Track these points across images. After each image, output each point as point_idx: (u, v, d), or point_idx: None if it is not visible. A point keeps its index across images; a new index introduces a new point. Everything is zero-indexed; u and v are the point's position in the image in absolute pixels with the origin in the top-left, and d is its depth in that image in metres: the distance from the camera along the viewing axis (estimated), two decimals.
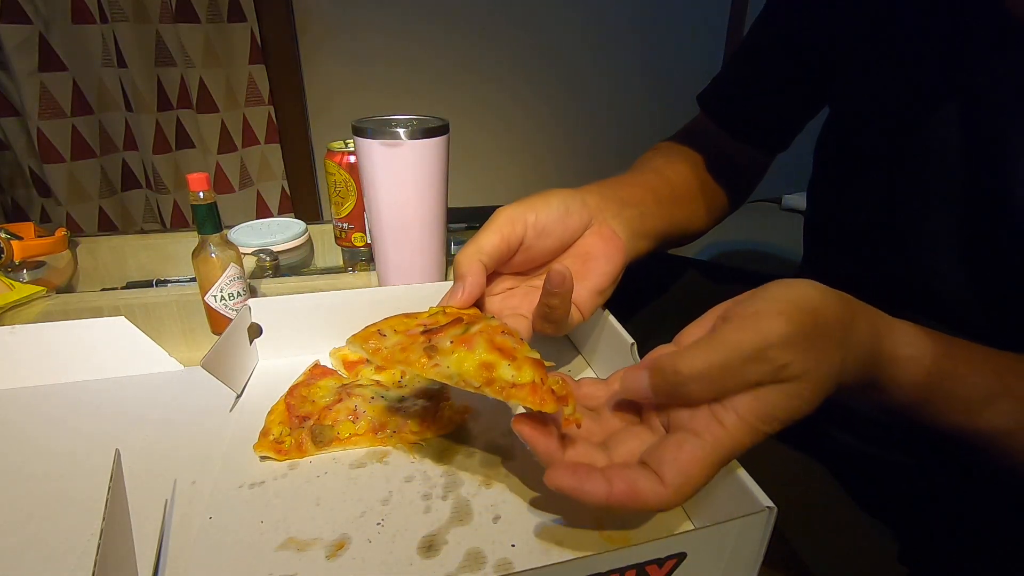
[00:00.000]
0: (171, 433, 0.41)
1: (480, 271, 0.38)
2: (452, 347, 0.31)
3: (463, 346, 0.31)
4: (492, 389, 0.30)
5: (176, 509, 0.34)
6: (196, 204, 0.51)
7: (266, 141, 1.57)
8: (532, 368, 0.30)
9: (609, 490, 0.27)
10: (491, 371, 0.30)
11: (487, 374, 0.30)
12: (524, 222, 0.39)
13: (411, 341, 0.33)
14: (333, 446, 0.39)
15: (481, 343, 0.31)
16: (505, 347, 0.31)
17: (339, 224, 0.71)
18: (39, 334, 0.45)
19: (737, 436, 0.27)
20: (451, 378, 0.31)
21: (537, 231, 0.40)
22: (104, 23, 1.28)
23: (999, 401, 0.32)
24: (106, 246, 0.81)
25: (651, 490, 0.27)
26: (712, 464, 0.27)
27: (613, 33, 1.80)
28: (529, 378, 0.30)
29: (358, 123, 0.52)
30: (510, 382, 0.30)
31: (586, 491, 0.27)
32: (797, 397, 0.28)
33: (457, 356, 0.31)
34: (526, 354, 0.32)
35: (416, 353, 0.32)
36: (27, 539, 0.32)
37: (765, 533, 0.27)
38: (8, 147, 1.31)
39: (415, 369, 0.31)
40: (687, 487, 0.27)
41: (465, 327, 0.33)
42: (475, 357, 0.31)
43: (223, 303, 0.54)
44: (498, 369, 0.30)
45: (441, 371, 0.31)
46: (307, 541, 0.32)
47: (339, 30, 1.58)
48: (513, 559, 0.31)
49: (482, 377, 0.30)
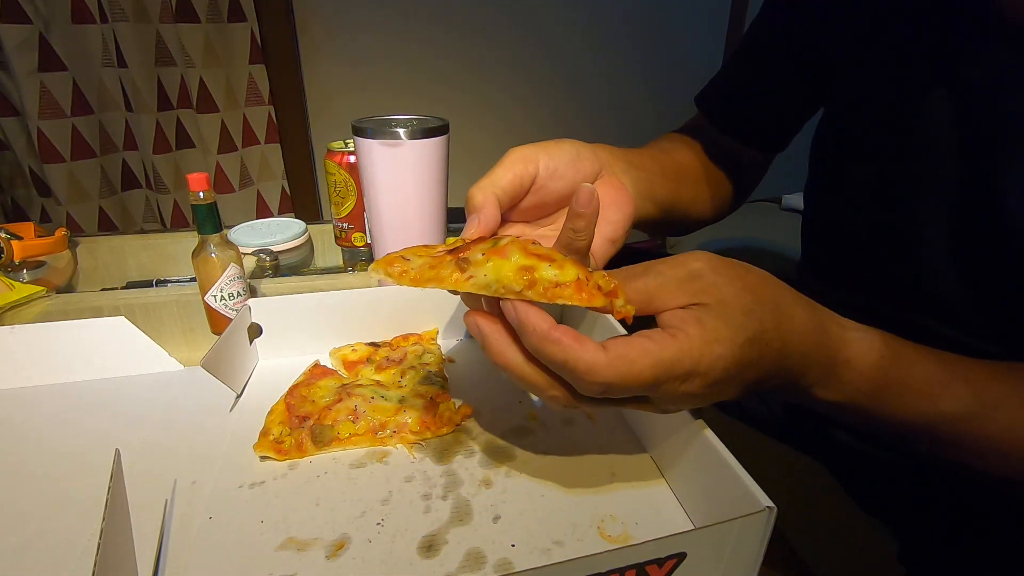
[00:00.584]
0: (171, 433, 0.41)
1: (494, 204, 0.36)
2: (485, 258, 0.29)
3: (496, 256, 0.29)
4: (535, 292, 0.28)
5: (176, 509, 0.34)
6: (196, 204, 0.51)
7: (266, 141, 1.57)
8: (574, 266, 0.29)
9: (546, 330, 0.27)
10: (532, 273, 0.28)
11: (528, 276, 0.28)
12: (536, 162, 0.38)
13: (438, 261, 0.31)
14: (333, 446, 0.39)
15: (515, 251, 0.29)
16: (541, 253, 0.29)
17: (339, 224, 0.71)
18: (39, 334, 0.45)
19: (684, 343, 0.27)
20: (488, 287, 0.29)
21: (549, 172, 0.39)
22: (104, 23, 1.28)
23: (956, 385, 0.32)
24: (106, 246, 0.80)
25: (591, 349, 0.26)
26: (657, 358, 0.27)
27: (613, 33, 1.80)
28: (573, 275, 0.28)
29: (358, 123, 0.52)
30: (553, 281, 0.28)
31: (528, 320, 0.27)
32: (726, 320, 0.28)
33: (493, 264, 0.29)
34: (563, 256, 0.30)
35: (447, 269, 0.30)
36: (27, 539, 0.32)
37: (765, 533, 0.27)
38: (8, 147, 1.31)
39: (447, 285, 0.29)
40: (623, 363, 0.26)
41: (493, 242, 0.31)
42: (512, 263, 0.29)
43: (223, 303, 0.54)
44: (539, 270, 0.28)
45: (477, 282, 0.29)
46: (307, 541, 0.32)
47: (339, 30, 1.58)
48: (513, 559, 0.31)
49: (523, 280, 0.28)
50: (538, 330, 0.27)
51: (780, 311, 0.30)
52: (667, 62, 1.89)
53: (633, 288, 0.29)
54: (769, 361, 0.29)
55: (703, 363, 0.27)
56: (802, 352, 0.30)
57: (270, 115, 1.55)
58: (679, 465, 0.35)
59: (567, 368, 0.27)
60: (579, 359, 0.26)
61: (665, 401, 0.29)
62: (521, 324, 0.28)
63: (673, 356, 0.27)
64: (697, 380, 0.28)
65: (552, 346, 0.27)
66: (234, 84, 1.46)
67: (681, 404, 0.30)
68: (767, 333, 0.29)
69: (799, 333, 0.30)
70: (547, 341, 0.27)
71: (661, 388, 0.27)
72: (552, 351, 0.27)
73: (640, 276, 0.29)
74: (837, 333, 0.32)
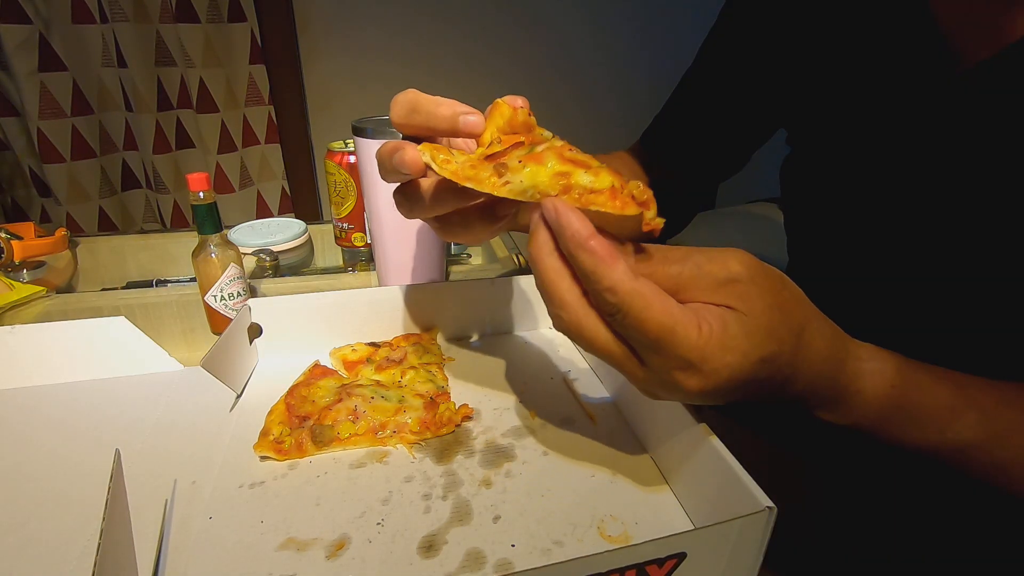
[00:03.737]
0: (171, 433, 0.41)
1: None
2: (522, 164, 0.29)
3: (533, 162, 0.29)
4: (570, 198, 0.28)
5: (176, 509, 0.34)
6: (196, 204, 0.51)
7: (266, 141, 1.57)
8: (609, 174, 0.29)
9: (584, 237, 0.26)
10: (567, 179, 0.28)
11: (563, 182, 0.28)
12: None
13: (478, 163, 0.31)
14: (333, 446, 0.39)
15: (551, 157, 0.29)
16: (577, 159, 0.29)
17: (339, 224, 0.71)
18: (39, 334, 0.45)
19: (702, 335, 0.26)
20: (525, 192, 0.29)
21: None
22: (104, 23, 1.28)
23: (966, 413, 0.32)
24: (106, 246, 0.81)
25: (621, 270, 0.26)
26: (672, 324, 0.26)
27: (616, 32, 1.80)
28: (608, 183, 0.28)
29: (358, 123, 0.52)
30: (588, 187, 0.28)
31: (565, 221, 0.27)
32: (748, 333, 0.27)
33: (530, 170, 0.29)
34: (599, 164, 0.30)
35: (486, 172, 0.30)
36: (27, 539, 0.32)
37: (765, 533, 0.27)
38: (8, 147, 1.31)
39: (485, 187, 0.29)
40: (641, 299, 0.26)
41: (529, 147, 0.31)
42: (548, 169, 0.29)
43: (223, 303, 0.54)
44: (574, 176, 0.28)
45: (513, 187, 0.29)
46: (307, 541, 0.32)
47: (339, 30, 1.58)
48: (513, 559, 0.31)
49: (559, 185, 0.28)
50: (576, 235, 0.26)
51: (802, 338, 0.29)
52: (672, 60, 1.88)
53: (666, 273, 0.28)
54: (775, 383, 0.29)
55: (709, 364, 0.27)
56: (811, 381, 0.30)
57: (270, 115, 1.55)
58: (679, 465, 0.35)
59: (591, 279, 0.26)
60: (605, 274, 0.26)
61: (656, 375, 0.28)
62: (560, 227, 0.27)
63: (686, 337, 0.26)
64: (696, 378, 0.27)
65: (584, 254, 0.26)
66: (234, 84, 1.46)
67: (670, 391, 0.29)
68: (783, 357, 0.28)
69: (813, 363, 0.30)
70: (582, 248, 0.26)
71: (659, 356, 0.27)
72: (583, 259, 0.26)
73: (676, 262, 0.28)
74: (853, 367, 0.31)
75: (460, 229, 0.36)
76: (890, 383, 0.32)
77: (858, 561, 0.43)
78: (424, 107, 0.32)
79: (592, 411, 0.43)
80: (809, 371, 0.30)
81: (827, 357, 0.30)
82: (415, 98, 0.32)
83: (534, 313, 0.54)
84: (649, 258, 0.28)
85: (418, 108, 0.32)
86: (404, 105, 0.32)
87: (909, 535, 0.43)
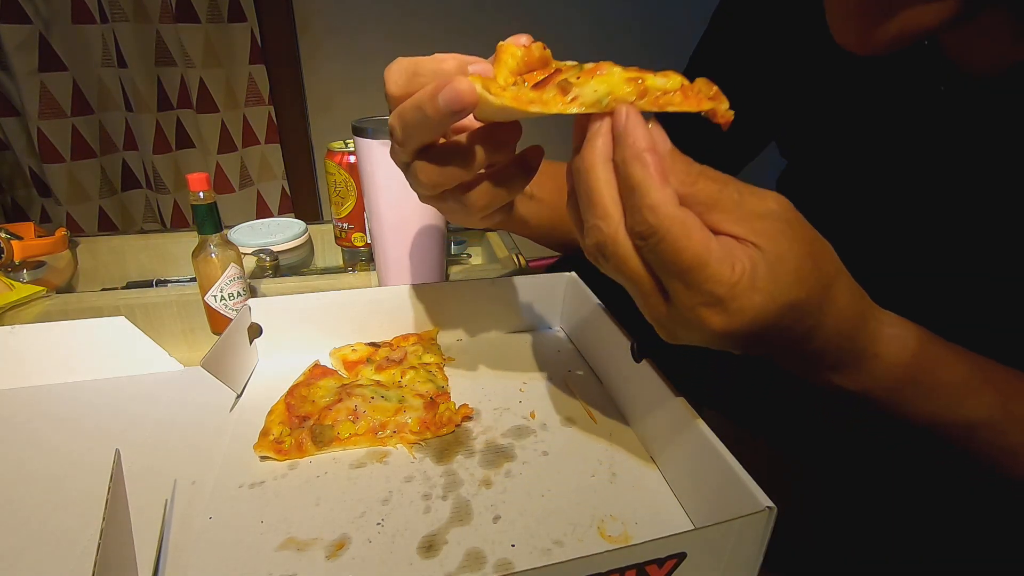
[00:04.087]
0: (171, 433, 0.41)
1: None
2: (583, 79, 0.27)
3: (595, 74, 0.27)
4: (648, 101, 0.27)
5: (176, 509, 0.34)
6: (196, 204, 0.51)
7: (266, 141, 1.57)
8: (675, 73, 0.27)
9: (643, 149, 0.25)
10: (641, 83, 0.27)
11: (639, 86, 0.27)
12: None
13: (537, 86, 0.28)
14: (333, 446, 0.39)
15: (609, 68, 0.27)
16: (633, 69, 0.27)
17: (339, 224, 0.71)
18: (39, 334, 0.45)
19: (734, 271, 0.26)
20: (599, 102, 0.27)
21: None
22: (104, 23, 1.28)
23: (983, 391, 0.32)
24: (106, 246, 0.81)
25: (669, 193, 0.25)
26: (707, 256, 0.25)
27: (617, 35, 1.80)
28: (678, 82, 0.27)
29: (358, 123, 0.52)
30: (662, 89, 0.27)
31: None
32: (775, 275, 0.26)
33: (599, 79, 0.27)
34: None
35: (550, 92, 0.27)
36: (27, 539, 0.32)
37: (765, 533, 0.27)
38: (8, 147, 1.31)
39: (553, 108, 0.27)
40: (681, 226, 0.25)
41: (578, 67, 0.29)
42: (618, 75, 0.27)
43: (223, 303, 0.54)
44: (647, 79, 0.27)
45: (585, 99, 0.27)
46: (307, 541, 0.32)
47: (339, 30, 1.58)
48: (513, 559, 0.31)
49: (635, 89, 0.27)
50: (636, 144, 0.25)
51: (829, 291, 0.28)
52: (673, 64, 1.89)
53: (707, 189, 0.26)
54: (796, 334, 0.28)
55: (736, 303, 0.26)
56: (831, 338, 0.29)
57: (270, 115, 1.55)
58: (679, 465, 0.35)
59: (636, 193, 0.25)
60: (651, 191, 0.25)
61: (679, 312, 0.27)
62: (625, 132, 0.26)
63: (718, 272, 0.25)
64: (722, 316, 0.26)
65: (637, 165, 0.25)
66: (234, 84, 1.46)
67: (691, 331, 0.28)
68: (808, 306, 0.27)
69: (837, 319, 0.29)
70: (636, 158, 0.25)
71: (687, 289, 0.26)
72: (634, 170, 0.25)
73: (716, 181, 0.27)
74: (874, 328, 0.31)
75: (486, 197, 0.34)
76: (911, 352, 0.31)
77: (857, 561, 0.43)
78: (426, 67, 0.30)
79: (592, 411, 0.43)
80: (832, 326, 0.29)
81: (851, 315, 0.30)
82: (412, 62, 0.30)
83: (534, 313, 0.54)
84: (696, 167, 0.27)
85: (419, 70, 0.30)
86: (402, 72, 0.30)
87: (908, 535, 0.43)
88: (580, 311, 0.51)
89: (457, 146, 0.32)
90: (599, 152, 0.27)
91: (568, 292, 0.53)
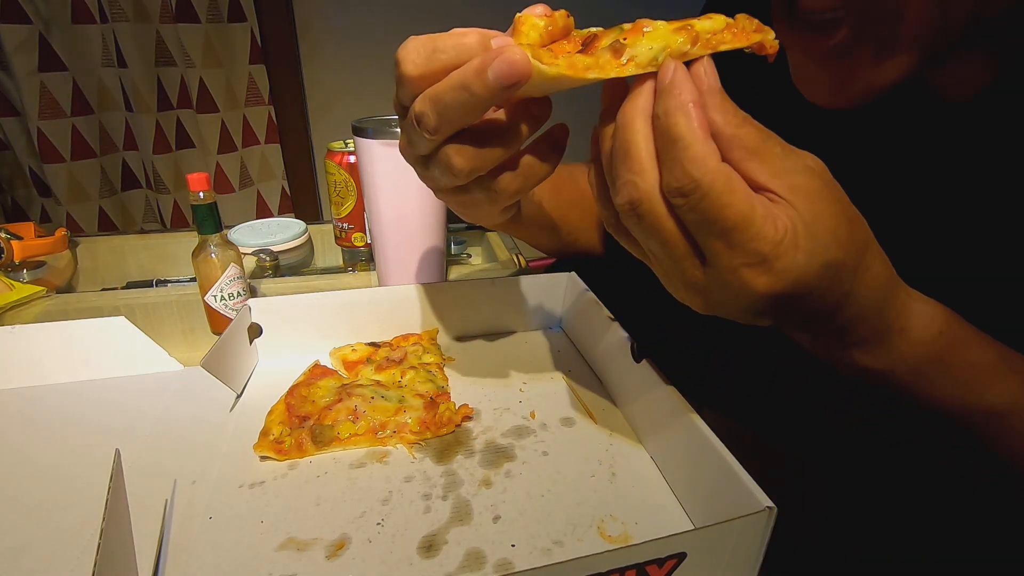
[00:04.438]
0: (171, 433, 0.41)
1: None
2: (632, 39, 0.26)
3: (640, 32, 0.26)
4: (700, 46, 0.26)
5: (176, 509, 0.34)
6: (196, 204, 0.51)
7: (266, 141, 1.57)
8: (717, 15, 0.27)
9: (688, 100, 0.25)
10: (691, 31, 0.26)
11: (690, 33, 0.26)
12: None
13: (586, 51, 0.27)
14: (333, 446, 0.39)
15: (652, 23, 0.26)
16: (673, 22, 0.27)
17: (339, 224, 0.71)
18: (39, 334, 0.45)
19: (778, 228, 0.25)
20: (655, 60, 0.26)
21: None
22: (104, 23, 1.28)
23: (1009, 377, 0.31)
24: (106, 246, 0.81)
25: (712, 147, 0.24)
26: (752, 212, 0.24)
27: None
28: (723, 22, 0.26)
29: (358, 123, 0.52)
30: (711, 30, 0.26)
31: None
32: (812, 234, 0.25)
33: (650, 36, 0.26)
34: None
35: (604, 56, 0.26)
36: (27, 539, 0.32)
37: (765, 533, 0.27)
38: (8, 147, 1.31)
39: (609, 71, 0.26)
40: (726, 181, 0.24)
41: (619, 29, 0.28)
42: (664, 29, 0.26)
43: (223, 303, 0.54)
44: (695, 26, 0.26)
45: (641, 59, 0.26)
46: (307, 541, 0.32)
47: (339, 30, 1.58)
48: (513, 559, 0.31)
49: (688, 38, 0.26)
50: (681, 96, 0.24)
51: (864, 256, 0.28)
52: None
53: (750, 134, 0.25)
54: (832, 299, 0.28)
55: (780, 262, 0.25)
56: (863, 306, 0.29)
57: (270, 115, 1.55)
58: (679, 465, 0.35)
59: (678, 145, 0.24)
60: (694, 143, 0.24)
61: (720, 276, 0.26)
62: (672, 84, 0.25)
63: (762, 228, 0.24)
64: (766, 276, 0.25)
65: (681, 116, 0.24)
66: (234, 84, 1.46)
67: (732, 296, 0.26)
68: (845, 270, 0.27)
69: (869, 288, 0.28)
70: (680, 110, 0.24)
71: (728, 252, 0.25)
72: (678, 120, 0.24)
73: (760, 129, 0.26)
74: (903, 301, 0.30)
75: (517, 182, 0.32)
76: (939, 329, 0.30)
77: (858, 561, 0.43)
78: (447, 44, 0.28)
79: (592, 410, 0.43)
80: (864, 294, 0.28)
81: (883, 283, 0.29)
82: (429, 39, 0.28)
83: (534, 313, 0.54)
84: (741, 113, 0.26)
85: (439, 47, 0.28)
86: (419, 51, 0.28)
87: (909, 535, 0.43)
88: (580, 311, 0.51)
89: (498, 124, 0.30)
90: (640, 107, 0.26)
91: (568, 292, 0.53)
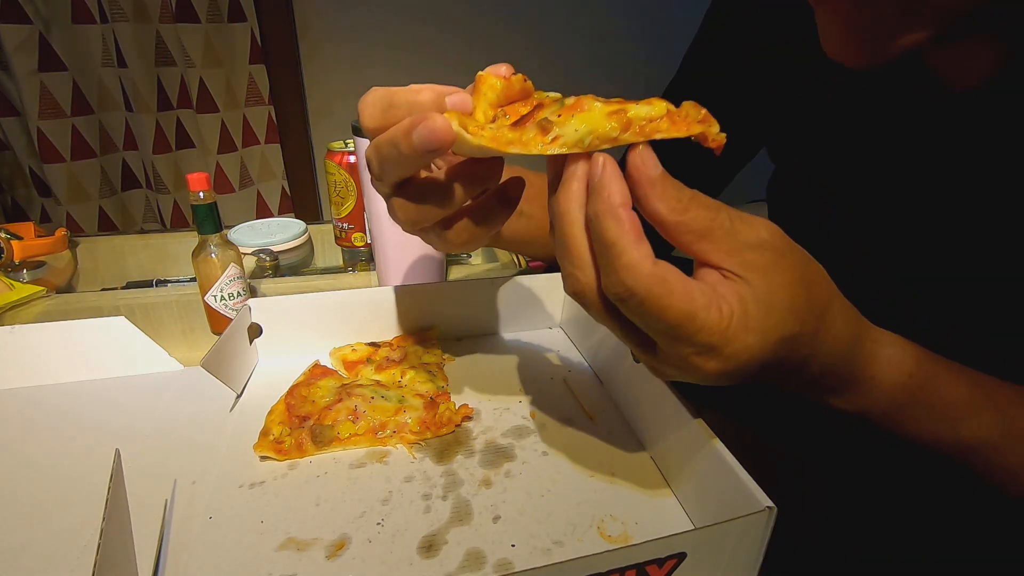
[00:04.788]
0: (171, 433, 0.41)
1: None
2: (565, 116, 0.26)
3: (576, 111, 0.26)
4: (632, 133, 0.25)
5: (176, 509, 0.34)
6: (196, 204, 0.51)
7: (266, 141, 1.57)
8: (659, 100, 0.26)
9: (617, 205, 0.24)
10: (623, 115, 0.25)
11: (621, 119, 0.25)
12: None
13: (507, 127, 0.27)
14: (333, 446, 0.39)
15: (593, 100, 0.26)
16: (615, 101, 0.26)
17: (339, 224, 0.71)
18: (39, 334, 0.45)
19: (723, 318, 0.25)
20: (582, 141, 0.26)
21: None
22: (104, 23, 1.28)
23: (983, 411, 0.32)
24: (106, 246, 0.81)
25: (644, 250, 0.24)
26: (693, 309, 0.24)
27: (613, 37, 1.80)
28: (663, 108, 0.26)
29: (358, 123, 0.52)
30: (647, 118, 0.26)
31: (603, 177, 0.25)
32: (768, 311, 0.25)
33: (580, 117, 0.26)
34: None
35: (530, 132, 0.26)
36: (27, 539, 0.32)
37: (765, 533, 0.27)
38: (8, 147, 1.31)
39: (533, 148, 0.26)
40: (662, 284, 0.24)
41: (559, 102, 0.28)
42: (598, 111, 0.26)
43: (223, 303, 0.54)
44: (629, 111, 0.25)
45: (567, 140, 0.25)
46: (307, 541, 0.32)
47: (339, 30, 1.58)
48: (513, 559, 0.31)
49: (618, 123, 0.25)
50: (610, 199, 0.24)
51: (824, 319, 0.28)
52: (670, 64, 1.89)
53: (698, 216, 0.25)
54: (793, 364, 0.28)
55: (730, 347, 0.25)
56: (828, 364, 0.29)
57: (270, 115, 1.55)
58: (679, 465, 0.35)
59: (610, 251, 0.24)
60: (626, 250, 0.24)
61: (670, 361, 0.26)
62: (600, 185, 0.25)
63: (706, 321, 0.24)
64: (715, 361, 0.25)
65: (611, 221, 0.24)
66: (234, 84, 1.46)
67: (685, 374, 0.27)
68: (803, 337, 0.27)
69: (832, 345, 0.29)
70: (610, 214, 0.24)
71: (675, 344, 0.25)
72: (608, 226, 0.24)
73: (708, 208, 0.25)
74: (870, 350, 0.31)
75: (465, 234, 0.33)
76: (908, 372, 0.31)
77: (858, 561, 0.43)
78: (401, 99, 0.28)
79: (592, 411, 0.43)
80: (827, 353, 0.29)
81: (846, 339, 0.29)
82: (387, 93, 0.29)
83: (534, 313, 0.54)
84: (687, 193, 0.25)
85: (395, 102, 0.29)
86: (376, 104, 0.29)
87: (909, 535, 0.43)
88: (580, 311, 0.51)
89: (435, 183, 0.31)
90: (574, 196, 0.26)
91: None
